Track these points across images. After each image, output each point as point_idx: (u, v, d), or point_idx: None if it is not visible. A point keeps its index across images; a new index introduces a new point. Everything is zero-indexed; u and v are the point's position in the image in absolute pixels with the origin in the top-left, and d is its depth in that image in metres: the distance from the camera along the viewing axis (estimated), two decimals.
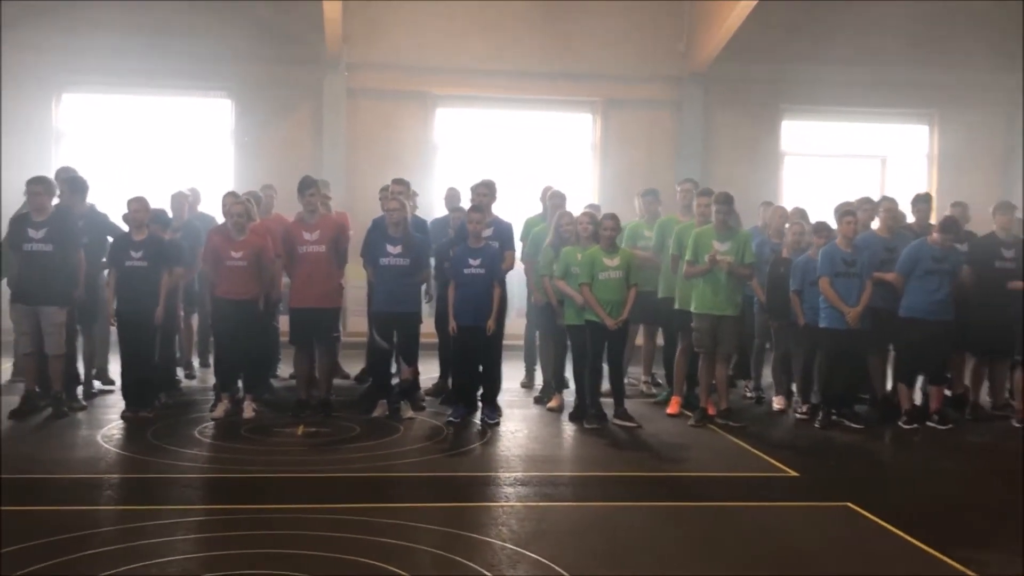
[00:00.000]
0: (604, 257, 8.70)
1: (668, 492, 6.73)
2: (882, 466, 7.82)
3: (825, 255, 8.93)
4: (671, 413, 9.32)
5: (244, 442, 7.90)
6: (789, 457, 7.67)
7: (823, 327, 8.92)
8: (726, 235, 8.93)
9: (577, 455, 7.83)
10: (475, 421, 8.74)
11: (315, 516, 5.79)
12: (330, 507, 5.99)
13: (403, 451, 7.67)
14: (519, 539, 5.46)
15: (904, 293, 9.05)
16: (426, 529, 5.56)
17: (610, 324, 8.59)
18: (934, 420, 9.00)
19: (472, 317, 8.69)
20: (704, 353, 8.99)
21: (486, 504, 6.29)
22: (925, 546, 5.52)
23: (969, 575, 5.11)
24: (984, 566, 5.22)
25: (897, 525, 5.87)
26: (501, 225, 9.39)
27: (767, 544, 5.62)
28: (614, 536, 5.67)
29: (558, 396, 9.56)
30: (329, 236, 9.01)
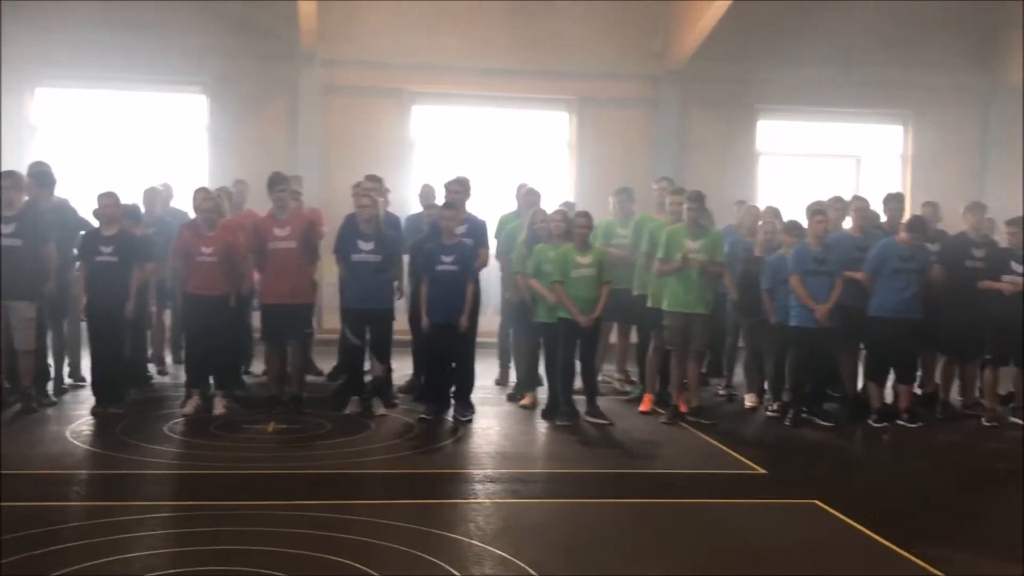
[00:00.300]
0: (576, 255, 8.71)
1: (636, 489, 6.76)
2: (850, 464, 7.87)
3: (796, 254, 8.98)
4: (643, 411, 9.35)
5: (213, 438, 7.87)
6: (758, 455, 7.71)
7: (793, 325, 8.97)
8: (698, 233, 8.96)
9: (547, 452, 7.85)
10: (447, 418, 8.73)
11: (282, 512, 5.78)
12: (297, 503, 5.98)
13: (373, 448, 7.66)
14: (485, 536, 5.46)
15: (873, 292, 9.11)
16: (393, 526, 5.55)
17: (582, 321, 8.60)
18: (904, 419, 9.06)
19: (445, 314, 8.69)
20: (676, 351, 9.02)
21: (454, 501, 6.29)
22: (889, 543, 5.56)
23: (932, 572, 5.14)
24: (947, 564, 5.25)
25: (862, 523, 5.90)
26: (475, 222, 9.38)
27: (731, 541, 5.65)
28: (580, 533, 5.69)
29: (531, 394, 9.57)
30: (300, 232, 8.97)
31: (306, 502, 6.03)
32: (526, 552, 5.21)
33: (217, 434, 8.03)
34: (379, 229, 8.89)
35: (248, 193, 10.79)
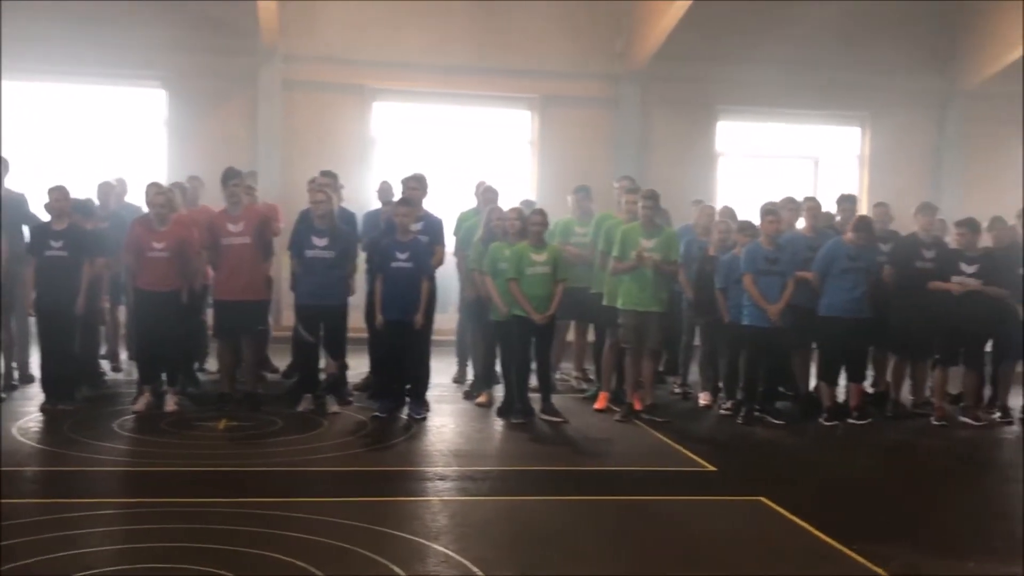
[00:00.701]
0: (532, 253, 8.73)
1: (585, 486, 6.79)
2: (798, 461, 7.94)
3: (748, 253, 9.04)
4: (598, 408, 9.38)
5: (163, 435, 7.81)
6: (708, 452, 7.77)
7: (746, 324, 9.03)
8: (652, 232, 9.01)
9: (499, 450, 7.86)
10: (402, 416, 8.71)
11: (228, 510, 5.74)
12: (244, 501, 5.94)
13: (324, 445, 7.63)
14: (430, 533, 5.46)
15: (823, 292, 9.19)
16: (338, 523, 5.54)
17: (537, 319, 8.62)
18: (854, 417, 9.15)
19: (399, 311, 8.67)
20: (630, 349, 9.06)
21: (402, 498, 6.28)
22: (832, 541, 5.61)
23: (873, 570, 5.20)
24: (886, 560, 5.31)
25: (807, 520, 5.96)
26: (431, 220, 9.38)
27: (675, 537, 5.70)
28: (526, 530, 5.70)
29: (487, 392, 9.57)
30: (254, 227, 8.92)
31: (253, 499, 6.00)
32: (470, 549, 5.21)
33: (167, 431, 7.96)
34: (333, 225, 8.86)
35: (203, 189, 10.68)
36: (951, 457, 8.20)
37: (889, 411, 9.76)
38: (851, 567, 5.25)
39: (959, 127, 15.93)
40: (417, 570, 4.90)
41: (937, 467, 7.91)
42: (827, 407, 9.20)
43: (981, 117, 15.85)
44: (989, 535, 5.99)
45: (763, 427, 8.87)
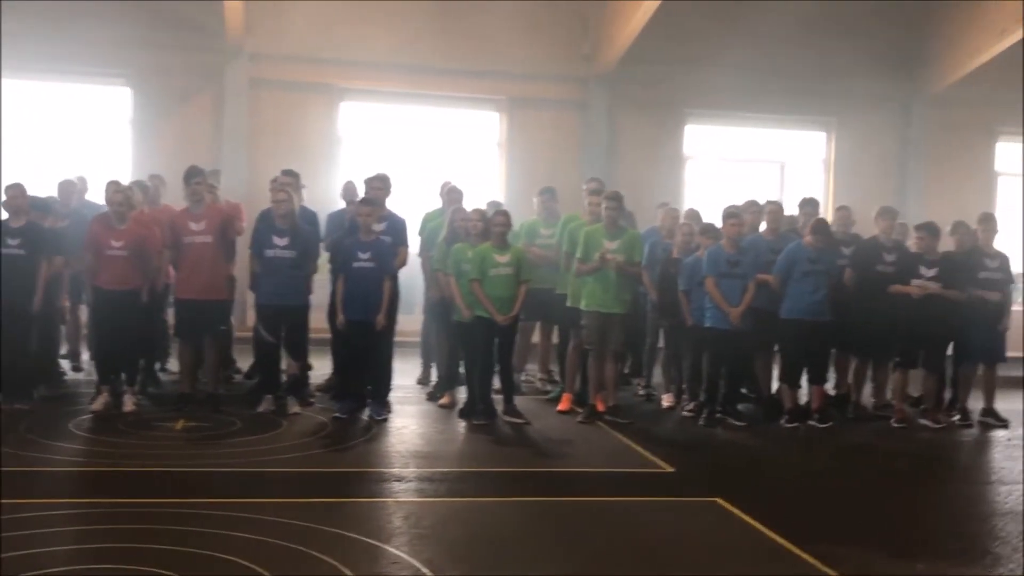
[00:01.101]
0: (495, 253, 8.71)
1: (542, 487, 6.77)
2: (757, 463, 7.97)
3: (710, 256, 9.07)
4: (562, 410, 9.38)
5: (120, 436, 7.73)
6: (669, 453, 7.78)
7: (708, 326, 9.06)
8: (615, 233, 9.03)
9: (459, 451, 7.82)
10: (363, 417, 8.67)
11: (179, 511, 5.69)
12: (197, 502, 5.89)
13: (282, 446, 7.58)
14: (383, 534, 5.44)
15: (784, 295, 9.24)
16: (292, 525, 5.50)
17: (499, 320, 8.61)
18: (815, 419, 9.20)
19: (361, 311, 8.64)
20: (593, 350, 9.07)
21: (357, 500, 6.25)
22: (786, 542, 5.63)
23: (825, 571, 5.22)
24: (841, 561, 5.33)
25: (762, 521, 5.97)
26: (395, 220, 9.34)
27: (628, 538, 5.69)
28: (480, 531, 5.69)
29: (450, 393, 9.54)
30: (216, 226, 8.86)
31: (206, 500, 5.94)
32: (422, 551, 5.19)
33: (124, 431, 7.89)
34: (295, 224, 8.81)
35: (165, 187, 10.59)
36: (909, 459, 8.26)
37: (850, 413, 9.82)
38: (803, 568, 5.27)
39: (923, 132, 16.07)
40: (366, 571, 4.87)
41: (894, 469, 7.96)
42: (788, 409, 9.25)
43: (945, 122, 16.02)
44: (942, 537, 6.03)
45: (725, 429, 8.90)
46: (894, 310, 9.41)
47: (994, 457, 8.61)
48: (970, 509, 6.72)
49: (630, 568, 5.20)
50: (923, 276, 9.33)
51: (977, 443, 9.04)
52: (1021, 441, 8.98)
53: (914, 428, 9.32)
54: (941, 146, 16.13)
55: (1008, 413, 9.89)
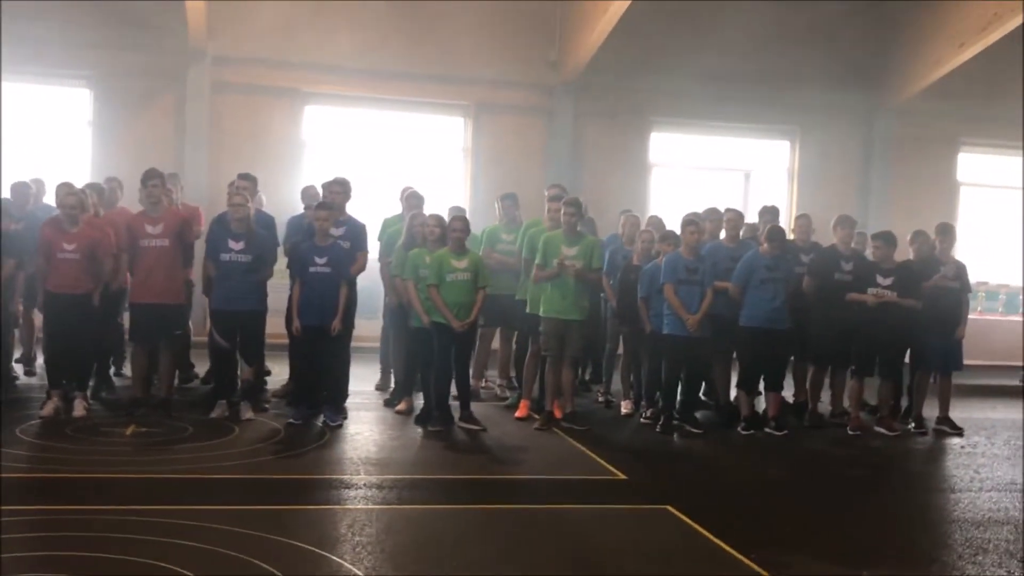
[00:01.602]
0: (452, 259, 8.67)
1: (491, 495, 6.74)
2: (710, 470, 7.96)
3: (668, 263, 9.07)
4: (519, 416, 9.35)
5: (67, 441, 7.63)
6: (622, 460, 7.76)
7: (666, 333, 9.06)
8: (574, 240, 9.02)
9: (411, 458, 7.75)
10: (318, 423, 8.60)
11: (117, 518, 5.60)
12: (136, 509, 5.80)
13: (232, 452, 7.49)
14: (326, 542, 5.37)
15: (743, 302, 9.26)
16: (233, 532, 5.43)
17: (456, 326, 8.56)
18: (771, 427, 9.22)
19: (317, 316, 8.58)
20: (551, 357, 9.05)
21: (301, 507, 6.17)
22: (731, 549, 5.62)
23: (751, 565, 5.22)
24: (784, 568, 5.34)
25: (709, 528, 5.97)
26: (353, 224, 9.29)
27: (573, 545, 5.66)
28: (424, 539, 5.64)
29: (408, 399, 9.49)
30: (173, 230, 8.75)
31: (149, 507, 5.85)
32: (364, 558, 5.15)
33: (72, 437, 7.78)
34: (250, 228, 8.72)
35: (122, 190, 10.48)
36: (860, 467, 8.28)
37: (807, 421, 9.86)
38: (745, 574, 5.26)
39: (885, 142, 16.22)
40: None
41: (845, 476, 7.98)
42: (744, 416, 9.27)
43: (907, 133, 16.19)
44: (889, 544, 6.04)
45: (681, 436, 8.91)
46: (851, 318, 9.46)
47: (946, 465, 8.67)
48: (919, 516, 6.75)
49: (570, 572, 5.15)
50: (879, 285, 9.38)
51: (930, 451, 9.09)
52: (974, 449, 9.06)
53: (869, 436, 9.37)
54: (904, 156, 16.28)
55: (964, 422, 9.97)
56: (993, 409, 11.57)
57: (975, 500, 7.17)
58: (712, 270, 9.19)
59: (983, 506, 6.98)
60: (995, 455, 8.85)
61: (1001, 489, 7.50)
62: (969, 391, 12.44)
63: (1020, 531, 6.31)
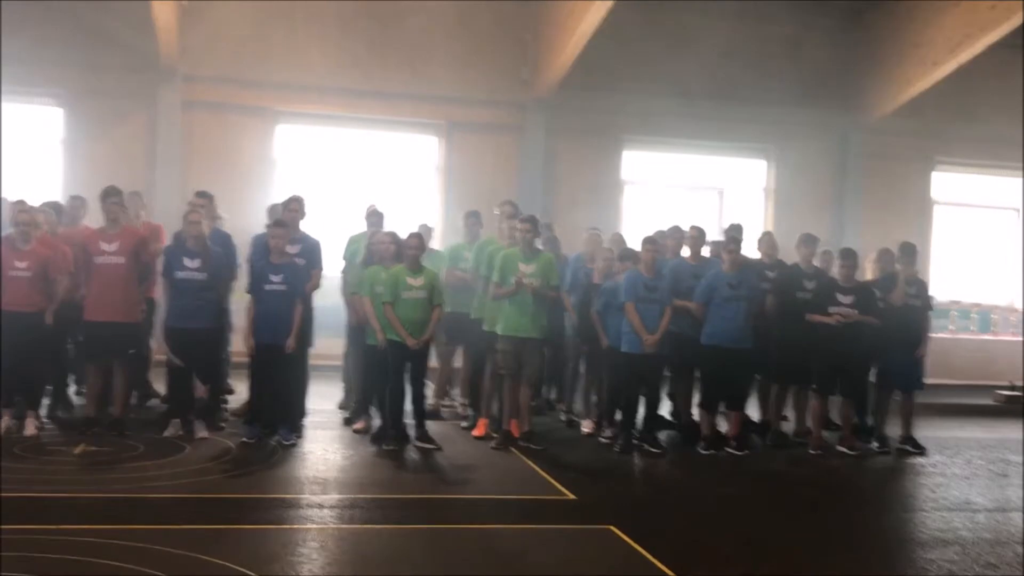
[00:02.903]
0: (408, 276, 8.63)
1: (434, 515, 6.67)
2: (661, 491, 7.92)
3: (628, 280, 9.04)
4: (477, 435, 9.30)
5: (14, 460, 7.55)
6: (574, 480, 7.70)
7: (624, 351, 9.01)
8: (531, 257, 8.98)
9: (360, 478, 7.67)
10: (271, 442, 8.53)
11: (51, 538, 5.53)
12: (72, 528, 5.74)
13: (180, 471, 7.42)
14: (255, 562, 5.29)
15: (705, 320, 9.22)
16: (162, 552, 5.36)
17: (411, 344, 8.51)
18: (731, 446, 9.16)
19: (272, 335, 8.53)
20: (508, 375, 9.00)
21: (238, 527, 6.09)
22: (665, 568, 5.56)
23: None
24: None
25: (648, 548, 5.90)
26: (308, 242, 9.27)
27: (507, 564, 5.59)
28: (358, 559, 5.57)
29: (366, 418, 9.43)
30: (129, 248, 8.71)
31: (82, 527, 5.79)
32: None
33: (20, 456, 7.71)
34: (205, 247, 8.69)
35: (86, 208, 10.43)
36: (814, 486, 8.23)
37: (769, 440, 9.80)
38: None
39: (860, 161, 16.25)
40: None
41: (797, 496, 7.94)
42: (704, 436, 9.21)
43: (882, 151, 16.23)
44: (829, 564, 5.97)
45: (639, 455, 8.84)
46: (813, 337, 9.41)
47: (902, 484, 8.63)
48: (865, 536, 6.67)
49: None
50: (840, 303, 9.33)
51: (888, 470, 9.03)
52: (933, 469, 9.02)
53: (830, 455, 9.30)
54: (878, 175, 16.30)
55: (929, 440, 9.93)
56: (961, 428, 11.53)
57: (925, 520, 7.11)
58: (672, 288, 9.16)
59: (932, 526, 6.92)
60: (954, 475, 8.80)
61: (953, 509, 7.44)
62: (939, 410, 12.44)
63: (966, 552, 6.25)
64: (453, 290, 9.75)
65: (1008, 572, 5.85)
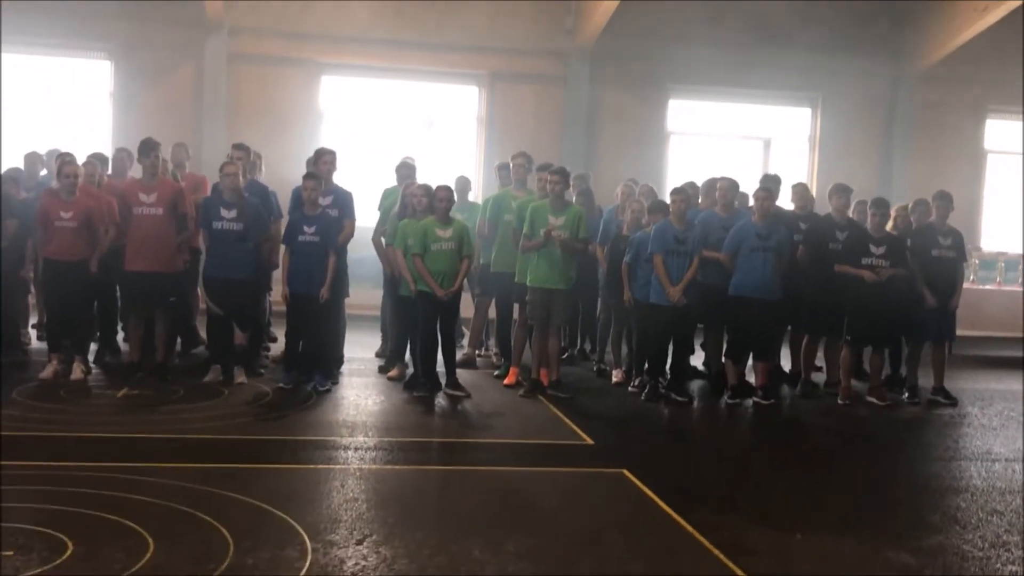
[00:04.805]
0: (437, 228, 8.79)
1: (452, 457, 6.93)
2: (680, 437, 8.06)
3: (657, 232, 9.09)
4: (508, 384, 9.48)
5: (59, 403, 7.93)
6: (595, 427, 7.86)
7: (652, 302, 9.10)
8: (560, 209, 9.08)
9: (388, 422, 7.90)
10: (307, 388, 8.80)
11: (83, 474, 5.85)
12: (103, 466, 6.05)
13: (216, 414, 7.73)
14: (275, 499, 5.54)
15: (734, 271, 9.26)
16: (187, 488, 5.63)
17: (440, 294, 8.69)
18: (758, 396, 9.23)
19: (306, 285, 8.77)
20: (537, 325, 9.15)
21: (262, 465, 6.37)
22: (670, 510, 5.71)
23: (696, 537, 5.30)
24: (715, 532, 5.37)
25: (657, 491, 6.05)
26: (340, 193, 9.46)
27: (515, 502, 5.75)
28: (374, 497, 5.79)
29: (400, 365, 9.66)
30: (167, 199, 8.96)
31: (119, 464, 6.11)
32: (307, 515, 5.33)
33: (65, 399, 8.08)
34: (242, 198, 8.93)
35: (132, 161, 10.73)
36: (834, 435, 8.30)
37: (799, 390, 9.85)
38: (680, 536, 5.34)
39: (910, 109, 15.98)
40: (244, 532, 4.99)
41: (816, 445, 8.03)
42: (731, 385, 9.28)
43: (932, 100, 15.95)
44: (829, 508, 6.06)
45: (666, 404, 8.96)
46: (845, 288, 9.39)
47: (925, 435, 8.61)
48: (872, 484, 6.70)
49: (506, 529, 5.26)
50: (872, 254, 9.30)
51: (914, 421, 9.02)
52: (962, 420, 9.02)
53: (859, 405, 9.33)
54: (928, 123, 16.03)
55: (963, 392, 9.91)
56: (999, 380, 11.43)
57: (940, 469, 7.17)
58: (701, 240, 9.20)
59: (947, 475, 6.97)
60: (982, 425, 8.80)
61: (972, 459, 7.48)
62: (982, 362, 12.37)
63: (975, 499, 6.30)
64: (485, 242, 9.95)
65: (1013, 519, 5.89)
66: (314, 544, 4.90)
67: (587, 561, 4.94)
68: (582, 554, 5.02)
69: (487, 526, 5.34)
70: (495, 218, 9.87)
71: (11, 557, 4.57)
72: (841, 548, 5.30)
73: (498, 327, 10.38)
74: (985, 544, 5.45)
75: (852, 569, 5.01)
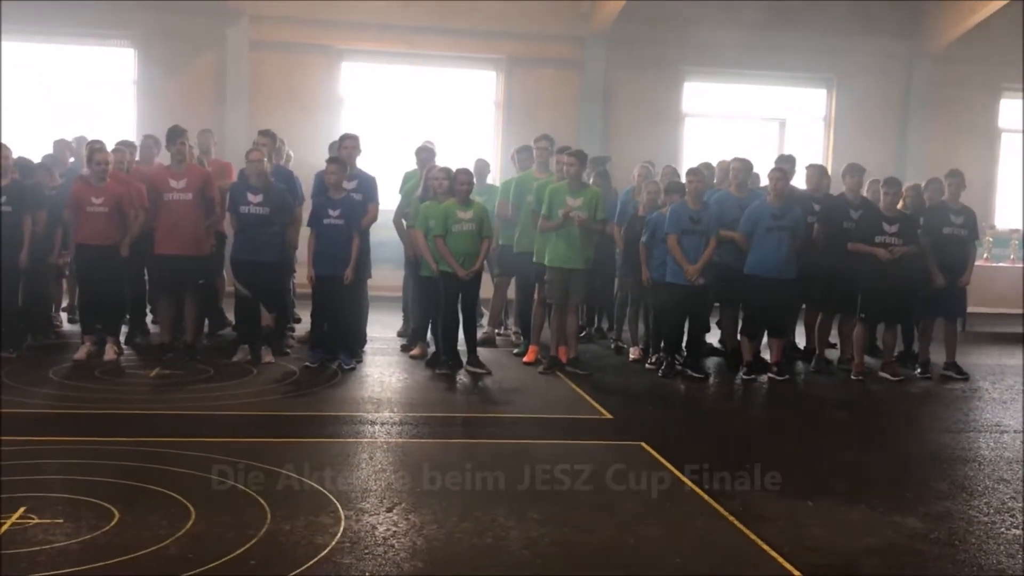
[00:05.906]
0: (458, 210, 9.01)
1: (471, 430, 7.17)
2: (696, 411, 8.27)
3: (673, 212, 9.27)
4: (527, 361, 9.71)
5: (93, 382, 8.21)
6: (613, 402, 8.09)
7: (668, 282, 9.29)
8: (578, 191, 9.27)
9: (410, 398, 8.13)
10: (333, 367, 9.05)
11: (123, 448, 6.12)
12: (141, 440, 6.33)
13: (244, 392, 8.00)
14: (304, 469, 5.77)
15: (749, 251, 9.43)
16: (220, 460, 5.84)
17: (461, 275, 8.91)
18: (773, 372, 9.42)
19: (330, 267, 9.01)
20: (556, 304, 9.37)
21: (293, 440, 6.61)
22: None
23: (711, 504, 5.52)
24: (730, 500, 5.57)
25: (674, 462, 6.25)
26: (364, 177, 9.68)
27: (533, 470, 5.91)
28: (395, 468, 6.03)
29: (422, 344, 9.91)
30: (196, 184, 9.24)
31: (152, 439, 6.38)
32: (339, 485, 5.57)
33: (98, 378, 8.36)
34: (268, 183, 9.16)
35: (159, 148, 10.99)
36: (847, 409, 8.48)
37: (813, 367, 10.04)
38: (696, 504, 5.56)
39: (924, 89, 16.05)
40: (279, 501, 5.25)
41: (828, 418, 8.22)
42: (747, 362, 9.47)
43: (947, 79, 15.99)
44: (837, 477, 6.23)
45: (682, 380, 9.16)
46: (859, 266, 9.55)
47: (935, 408, 8.78)
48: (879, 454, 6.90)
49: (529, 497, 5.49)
50: (886, 232, 9.46)
51: (925, 395, 9.19)
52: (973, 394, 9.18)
53: (872, 380, 9.51)
54: (943, 103, 16.10)
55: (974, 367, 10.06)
56: (1012, 356, 11.56)
57: (949, 440, 7.35)
58: (716, 220, 9.37)
59: (956, 446, 7.16)
60: (992, 399, 8.97)
61: (982, 431, 7.66)
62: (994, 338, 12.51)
63: (982, 468, 6.50)
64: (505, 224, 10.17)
65: (1019, 487, 6.08)
66: (346, 511, 5.15)
67: (606, 527, 5.15)
68: (602, 520, 5.24)
69: (510, 495, 5.57)
70: (518, 200, 10.05)
71: (62, 524, 4.83)
72: (851, 515, 5.49)
73: (518, 306, 10.60)
74: (991, 510, 5.65)
75: (861, 533, 5.20)
